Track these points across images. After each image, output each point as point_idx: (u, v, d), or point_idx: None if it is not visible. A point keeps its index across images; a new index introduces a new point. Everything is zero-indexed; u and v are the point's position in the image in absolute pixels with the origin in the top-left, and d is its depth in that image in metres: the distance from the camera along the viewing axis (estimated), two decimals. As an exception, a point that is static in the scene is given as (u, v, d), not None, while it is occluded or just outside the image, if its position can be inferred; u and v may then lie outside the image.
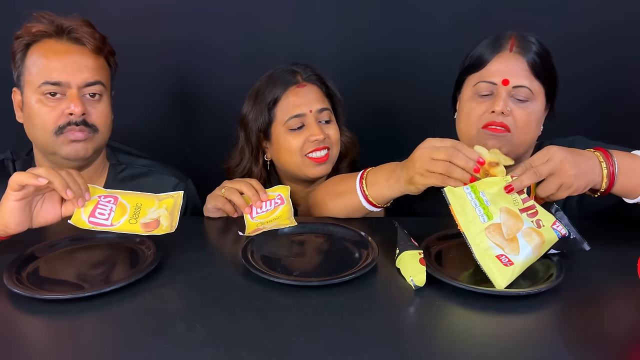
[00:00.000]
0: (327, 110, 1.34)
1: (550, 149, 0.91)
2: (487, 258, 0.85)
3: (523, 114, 1.09)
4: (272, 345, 0.71)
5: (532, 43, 1.12)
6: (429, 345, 0.72)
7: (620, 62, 1.69)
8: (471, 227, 0.87)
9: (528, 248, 0.86)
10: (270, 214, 1.11)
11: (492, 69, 1.12)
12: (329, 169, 1.35)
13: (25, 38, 1.18)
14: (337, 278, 0.85)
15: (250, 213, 1.12)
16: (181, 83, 1.79)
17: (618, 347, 0.71)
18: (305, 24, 1.71)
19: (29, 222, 0.96)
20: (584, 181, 0.90)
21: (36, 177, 0.91)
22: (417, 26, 1.69)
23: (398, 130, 1.71)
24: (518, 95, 1.10)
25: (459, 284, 0.83)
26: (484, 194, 0.89)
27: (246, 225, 1.09)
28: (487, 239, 0.86)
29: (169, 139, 1.78)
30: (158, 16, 1.69)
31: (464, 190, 0.90)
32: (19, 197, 0.92)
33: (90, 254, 0.97)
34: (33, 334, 0.78)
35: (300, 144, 1.31)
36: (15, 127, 1.24)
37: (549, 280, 0.85)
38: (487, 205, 0.88)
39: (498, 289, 0.83)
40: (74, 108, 1.14)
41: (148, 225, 0.98)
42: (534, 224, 0.88)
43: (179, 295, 0.85)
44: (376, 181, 1.10)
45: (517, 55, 1.11)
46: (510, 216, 0.88)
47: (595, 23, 1.65)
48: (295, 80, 1.33)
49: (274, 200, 1.14)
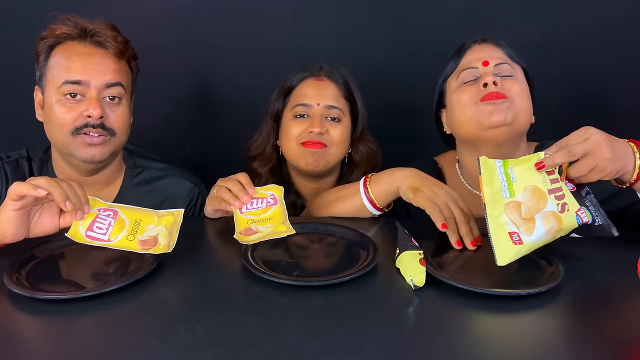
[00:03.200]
0: (337, 110, 1.35)
1: (589, 129, 0.88)
2: (500, 232, 0.85)
3: (514, 84, 1.13)
4: (272, 345, 0.71)
5: (495, 39, 1.21)
6: (429, 345, 0.72)
7: (618, 62, 1.69)
8: (493, 200, 0.88)
9: (542, 229, 0.85)
10: (262, 213, 1.09)
11: (469, 58, 1.18)
12: (319, 164, 1.34)
13: (50, 39, 1.19)
14: (337, 278, 0.85)
15: (240, 208, 1.10)
16: (183, 84, 1.79)
17: (619, 348, 0.71)
18: (310, 22, 1.71)
19: (26, 232, 0.95)
20: (617, 166, 0.87)
21: (35, 187, 0.90)
22: (417, 24, 1.69)
23: (398, 130, 1.70)
24: (502, 73, 1.14)
25: (459, 284, 0.83)
26: (512, 170, 0.89)
27: (235, 221, 1.07)
28: (505, 214, 0.86)
29: (169, 138, 1.78)
30: (164, 19, 1.70)
31: (495, 163, 0.90)
32: (18, 207, 0.92)
33: (91, 254, 0.97)
34: (33, 334, 0.78)
35: (299, 132, 1.33)
36: (33, 124, 1.25)
37: (549, 280, 0.84)
38: (512, 182, 0.88)
39: (499, 264, 0.85)
40: (93, 111, 1.15)
41: (145, 242, 0.96)
42: (558, 208, 0.87)
43: (179, 295, 0.85)
44: (379, 179, 1.13)
45: (489, 44, 1.19)
46: (533, 195, 0.87)
47: (591, 21, 1.66)
48: (315, 73, 1.38)
49: (266, 199, 1.12)
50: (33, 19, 1.22)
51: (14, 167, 1.27)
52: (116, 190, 1.30)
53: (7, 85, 1.69)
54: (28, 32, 1.25)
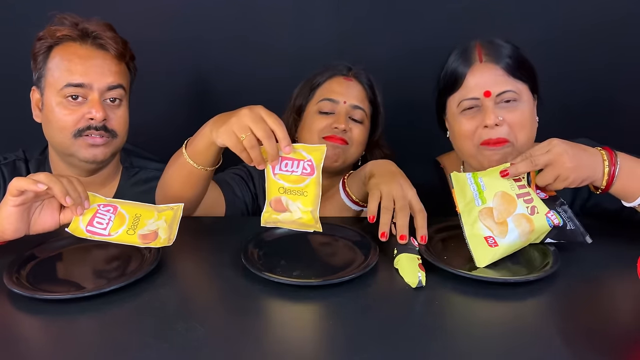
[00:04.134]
0: (361, 111, 1.36)
1: (552, 141, 0.93)
2: (475, 238, 0.91)
3: (516, 117, 1.09)
4: (272, 345, 0.71)
5: (499, 46, 1.12)
6: (429, 345, 0.72)
7: (618, 60, 1.69)
8: (467, 209, 0.94)
9: (515, 232, 0.90)
10: (296, 182, 0.98)
11: (470, 85, 1.11)
12: (339, 159, 1.32)
13: (48, 40, 1.18)
14: (337, 278, 0.85)
15: (272, 166, 0.99)
16: (184, 84, 1.79)
17: (617, 344, 0.71)
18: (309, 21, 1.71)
19: (26, 228, 0.95)
20: (582, 175, 0.92)
21: (35, 182, 0.90)
22: (417, 22, 1.69)
23: (398, 130, 1.70)
24: (505, 99, 1.09)
25: (459, 271, 0.85)
26: (481, 179, 0.96)
27: (267, 184, 0.98)
28: (479, 220, 0.92)
29: (166, 137, 1.77)
30: (161, 17, 1.69)
31: (466, 176, 0.97)
32: (18, 202, 0.92)
33: (91, 254, 0.97)
34: (33, 334, 0.78)
35: (322, 126, 1.33)
36: (30, 125, 1.25)
37: (544, 268, 0.87)
38: (482, 190, 0.94)
39: (479, 266, 0.89)
40: (95, 113, 1.15)
41: (146, 236, 0.96)
42: (528, 210, 0.92)
43: (179, 295, 0.85)
44: (356, 172, 1.15)
45: (489, 63, 1.10)
46: (503, 200, 0.92)
47: (593, 18, 1.66)
48: (344, 72, 1.40)
49: (303, 162, 0.99)
50: (30, 17, 1.21)
51: (10, 169, 1.28)
52: (113, 190, 1.30)
53: (5, 85, 1.68)
54: (26, 31, 1.25)
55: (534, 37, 1.62)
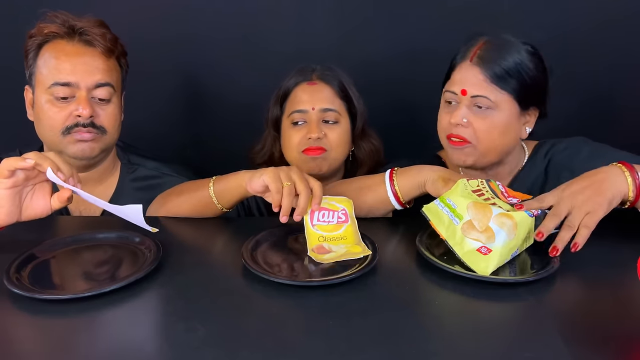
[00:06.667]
0: (333, 112, 1.33)
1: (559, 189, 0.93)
2: (469, 255, 0.89)
3: (483, 124, 1.09)
4: (272, 345, 0.71)
5: (496, 51, 1.10)
6: (429, 345, 0.72)
7: (620, 60, 1.69)
8: (450, 233, 0.92)
9: (502, 232, 0.89)
10: (334, 230, 1.01)
11: (455, 78, 1.13)
12: (322, 168, 1.33)
13: (38, 38, 1.18)
14: (337, 278, 0.85)
15: (311, 218, 1.01)
16: (180, 82, 1.79)
17: (617, 344, 0.71)
18: (309, 22, 1.71)
19: (19, 213, 0.96)
20: (607, 197, 0.91)
21: (24, 159, 0.92)
22: (417, 22, 1.69)
23: (399, 130, 1.70)
24: (479, 104, 1.09)
25: (459, 271, 0.86)
26: (449, 199, 0.94)
27: (307, 234, 0.99)
28: (465, 237, 0.90)
29: (162, 136, 1.77)
30: (157, 15, 1.69)
31: (435, 204, 0.96)
32: (9, 184, 0.92)
33: (91, 254, 0.97)
34: (33, 334, 0.78)
35: (298, 140, 1.32)
36: (24, 125, 1.25)
37: (544, 268, 0.88)
38: (454, 209, 0.93)
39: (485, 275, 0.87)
40: (82, 110, 1.15)
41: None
42: (503, 209, 0.91)
43: (179, 295, 0.85)
44: (406, 172, 1.10)
45: (475, 66, 1.10)
46: (477, 210, 0.91)
47: (596, 18, 1.65)
48: (307, 77, 1.36)
49: (337, 212, 1.02)
50: (30, 17, 1.21)
51: None
52: (113, 187, 1.30)
53: (5, 85, 1.68)
54: (25, 30, 1.24)
55: (534, 37, 1.61)
